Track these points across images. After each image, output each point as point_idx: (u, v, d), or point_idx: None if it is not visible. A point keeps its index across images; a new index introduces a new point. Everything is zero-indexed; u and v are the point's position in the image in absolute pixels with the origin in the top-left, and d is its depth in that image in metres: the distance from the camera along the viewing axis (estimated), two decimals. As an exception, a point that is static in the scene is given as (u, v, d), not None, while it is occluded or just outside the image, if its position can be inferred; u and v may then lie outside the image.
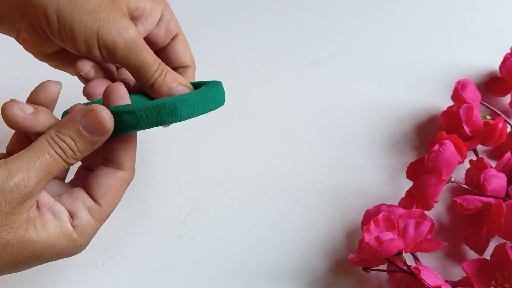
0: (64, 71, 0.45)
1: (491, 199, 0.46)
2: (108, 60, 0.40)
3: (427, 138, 0.56)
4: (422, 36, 0.65)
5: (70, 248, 0.35)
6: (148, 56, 0.40)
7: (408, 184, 0.50)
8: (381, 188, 0.53)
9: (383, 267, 0.46)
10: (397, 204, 0.48)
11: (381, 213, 0.45)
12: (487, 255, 0.46)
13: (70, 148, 0.35)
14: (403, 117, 0.58)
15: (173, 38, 0.46)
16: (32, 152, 0.34)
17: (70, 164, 0.35)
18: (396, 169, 0.55)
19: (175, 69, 0.46)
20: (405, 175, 0.50)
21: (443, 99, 0.58)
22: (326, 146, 0.56)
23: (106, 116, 0.35)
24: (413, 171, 0.50)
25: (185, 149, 0.56)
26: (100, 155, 0.38)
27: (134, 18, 0.43)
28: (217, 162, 0.55)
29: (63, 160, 0.35)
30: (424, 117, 0.58)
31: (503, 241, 0.45)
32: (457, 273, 0.48)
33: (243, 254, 0.50)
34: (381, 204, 0.47)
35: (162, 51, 0.46)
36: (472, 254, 0.48)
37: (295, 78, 0.62)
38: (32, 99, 0.37)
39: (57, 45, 0.40)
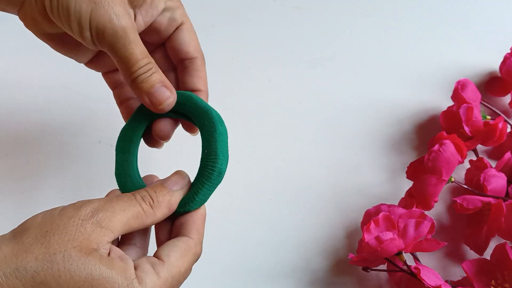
0: (63, 54, 0.44)
1: (491, 199, 0.46)
2: (97, 44, 0.39)
3: (427, 138, 0.56)
4: (422, 36, 0.65)
5: None
6: (136, 50, 0.39)
7: (408, 184, 0.50)
8: (381, 188, 0.53)
9: (383, 267, 0.46)
10: (397, 204, 0.48)
11: (381, 213, 0.45)
12: (487, 255, 0.46)
13: (149, 195, 0.37)
14: (403, 117, 0.58)
15: (178, 27, 0.44)
16: (112, 196, 0.37)
17: (147, 212, 0.37)
18: (396, 169, 0.55)
19: (182, 61, 0.44)
20: (405, 175, 0.50)
21: (443, 99, 0.58)
22: (326, 146, 0.57)
23: (185, 173, 0.40)
24: (413, 171, 0.50)
25: (185, 149, 0.56)
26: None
27: (134, 6, 0.41)
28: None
29: (141, 205, 0.37)
30: (424, 117, 0.58)
31: (503, 241, 0.45)
32: (457, 273, 0.48)
33: (243, 254, 0.50)
34: (381, 204, 0.47)
35: (167, 42, 0.45)
36: (472, 254, 0.48)
37: (295, 78, 0.62)
38: None
39: (56, 25, 0.40)
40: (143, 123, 0.43)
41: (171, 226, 0.39)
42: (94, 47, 0.40)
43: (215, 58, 0.57)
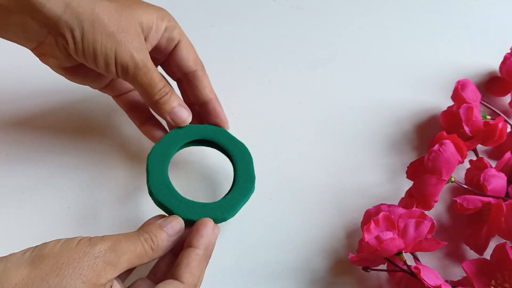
0: (78, 83, 0.49)
1: (491, 199, 0.46)
2: (121, 77, 0.46)
3: (427, 138, 0.56)
4: (422, 36, 0.65)
5: None
6: (155, 75, 0.46)
7: (408, 184, 0.50)
8: (381, 188, 0.53)
9: (383, 266, 0.46)
10: (397, 204, 0.48)
11: (381, 213, 0.45)
12: (487, 255, 0.46)
13: (151, 238, 0.41)
14: (403, 117, 0.58)
15: (176, 45, 0.49)
16: (121, 235, 0.40)
17: (148, 254, 0.41)
18: (396, 169, 0.55)
19: (185, 75, 0.50)
20: (405, 175, 0.50)
21: (443, 99, 0.58)
22: (326, 146, 0.57)
23: (180, 220, 0.44)
24: (413, 171, 0.50)
25: (185, 149, 0.56)
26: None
27: (145, 36, 0.47)
28: (217, 162, 0.55)
29: (144, 247, 0.41)
30: (424, 117, 0.58)
31: (503, 241, 0.45)
32: (457, 273, 0.48)
33: (243, 254, 0.50)
34: (381, 204, 0.47)
35: (167, 60, 0.50)
36: (472, 254, 0.48)
37: (295, 78, 0.62)
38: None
39: (75, 60, 0.45)
40: (177, 145, 0.50)
41: (172, 257, 0.44)
42: (117, 78, 0.47)
43: (215, 58, 0.57)
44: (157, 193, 0.46)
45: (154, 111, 0.49)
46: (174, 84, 0.53)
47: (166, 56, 0.50)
